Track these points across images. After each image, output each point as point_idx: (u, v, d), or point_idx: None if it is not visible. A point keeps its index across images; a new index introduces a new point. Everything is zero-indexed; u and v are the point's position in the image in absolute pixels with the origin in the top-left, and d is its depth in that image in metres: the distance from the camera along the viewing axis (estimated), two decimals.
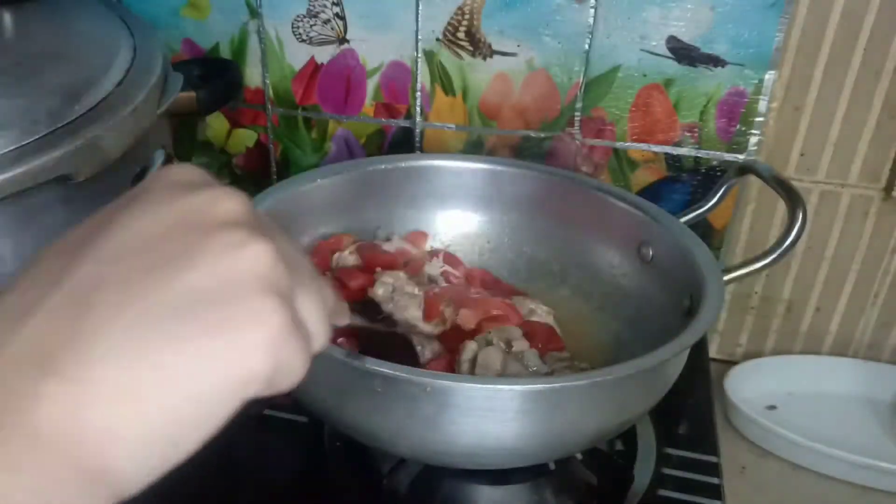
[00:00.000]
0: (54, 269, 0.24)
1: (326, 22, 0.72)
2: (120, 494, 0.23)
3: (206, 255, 0.25)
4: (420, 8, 0.69)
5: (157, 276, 0.24)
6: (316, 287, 0.28)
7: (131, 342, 0.23)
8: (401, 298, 0.58)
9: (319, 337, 0.28)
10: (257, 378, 0.25)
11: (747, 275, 0.57)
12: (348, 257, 0.63)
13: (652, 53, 0.66)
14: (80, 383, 0.22)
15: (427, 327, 0.58)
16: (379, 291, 0.59)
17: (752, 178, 0.66)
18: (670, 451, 0.60)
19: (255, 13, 0.73)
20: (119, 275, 0.24)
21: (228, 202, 0.26)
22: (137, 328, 0.23)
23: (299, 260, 0.28)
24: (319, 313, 0.28)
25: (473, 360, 0.54)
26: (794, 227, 0.56)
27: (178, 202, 0.26)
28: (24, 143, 0.52)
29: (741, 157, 0.68)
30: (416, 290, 0.59)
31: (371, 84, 0.74)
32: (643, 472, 0.58)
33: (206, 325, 0.24)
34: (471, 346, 0.54)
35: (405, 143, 0.76)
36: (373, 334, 0.56)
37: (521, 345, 0.55)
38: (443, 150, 0.74)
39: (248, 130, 0.79)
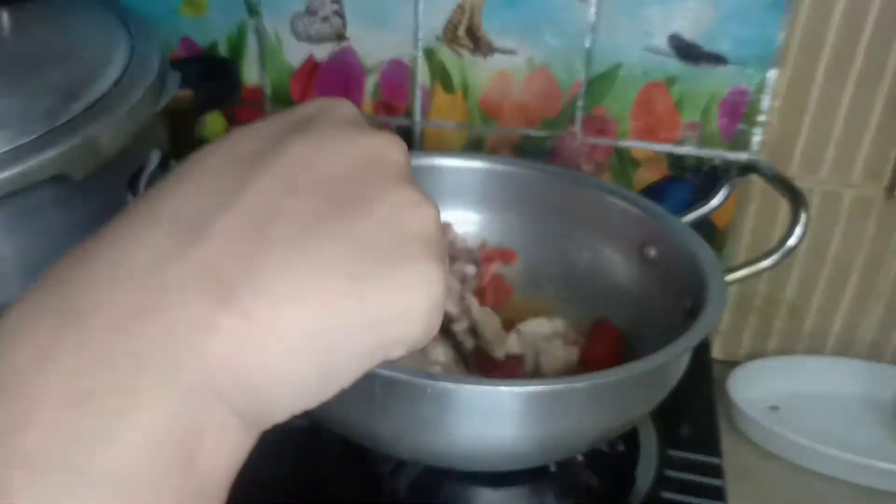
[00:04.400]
0: (226, 181, 0.23)
1: (325, 20, 0.71)
2: (262, 427, 0.23)
3: (384, 206, 0.24)
4: (420, 5, 0.69)
5: (336, 220, 0.23)
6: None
7: (310, 290, 0.22)
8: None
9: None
10: (407, 342, 0.24)
11: (750, 275, 0.57)
12: None
13: (654, 52, 0.66)
14: (259, 325, 0.21)
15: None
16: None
17: (755, 178, 0.65)
18: (672, 452, 0.60)
19: (253, 11, 0.72)
20: (298, 210, 0.23)
21: (398, 153, 0.26)
22: (314, 274, 0.22)
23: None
24: (451, 291, 0.28)
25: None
26: (796, 227, 0.56)
27: (354, 143, 0.25)
28: (21, 142, 0.51)
29: (743, 156, 0.68)
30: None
31: (370, 82, 0.73)
32: (645, 474, 0.58)
33: (377, 283, 0.23)
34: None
35: (405, 141, 0.75)
36: None
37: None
38: (443, 149, 0.74)
39: None
